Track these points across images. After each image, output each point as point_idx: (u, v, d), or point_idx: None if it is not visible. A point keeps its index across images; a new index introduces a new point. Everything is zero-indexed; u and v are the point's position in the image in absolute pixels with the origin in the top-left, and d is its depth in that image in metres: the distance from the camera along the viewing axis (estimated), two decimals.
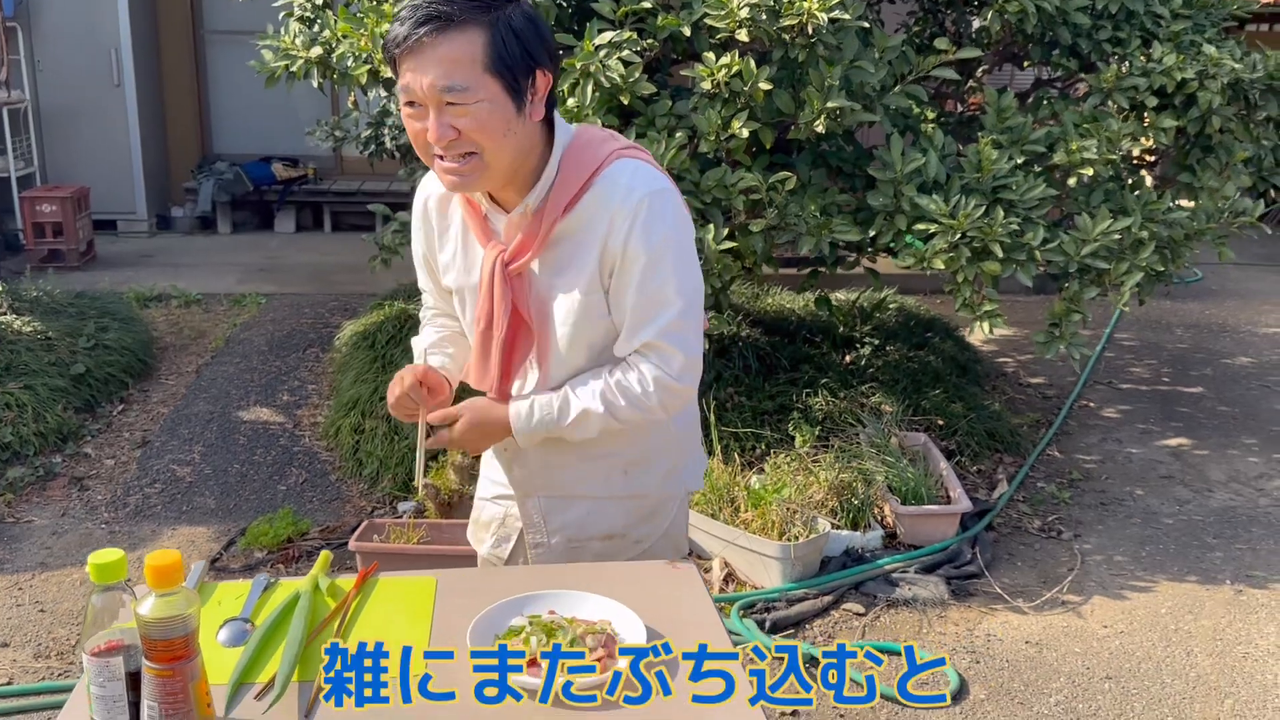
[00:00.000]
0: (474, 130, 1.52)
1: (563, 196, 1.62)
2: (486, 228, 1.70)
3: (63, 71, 7.94)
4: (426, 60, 1.50)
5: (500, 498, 1.87)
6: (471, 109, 1.51)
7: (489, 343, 1.69)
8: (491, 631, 1.50)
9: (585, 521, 1.82)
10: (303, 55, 3.94)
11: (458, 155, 1.55)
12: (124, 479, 4.18)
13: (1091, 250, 3.59)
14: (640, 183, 1.62)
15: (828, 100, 3.36)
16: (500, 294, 1.66)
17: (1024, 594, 3.52)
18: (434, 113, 1.52)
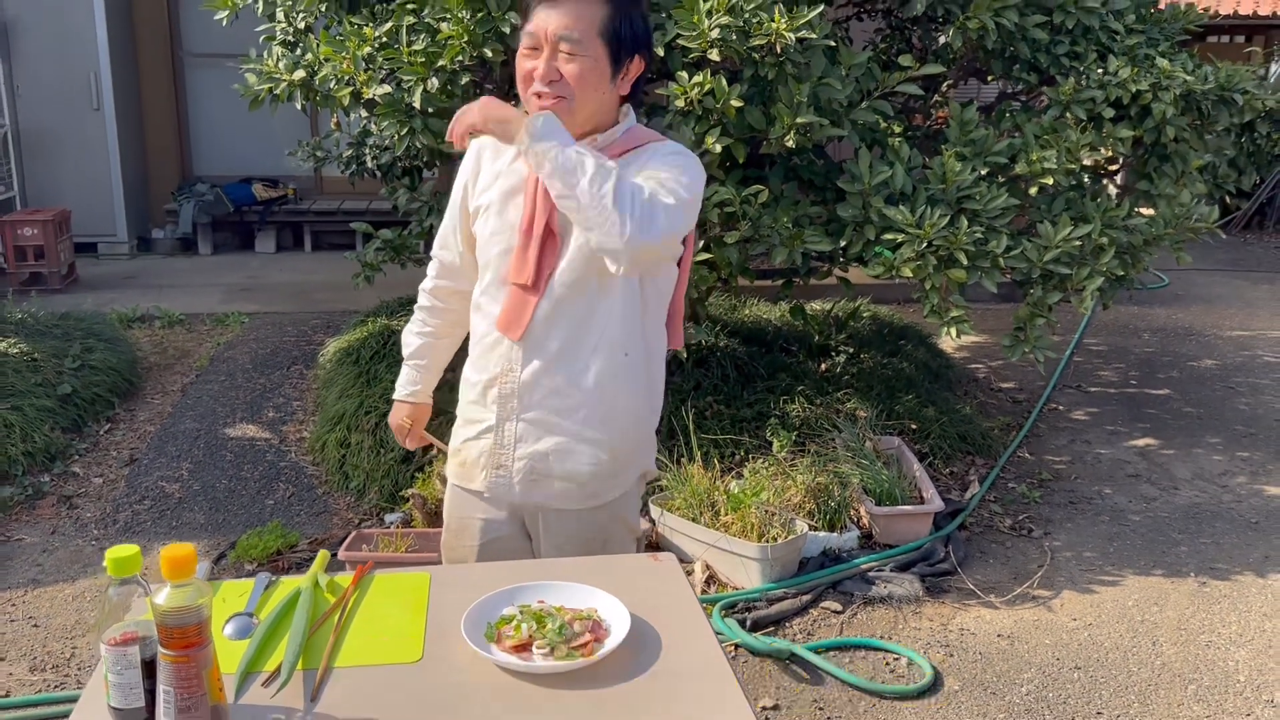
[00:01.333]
0: (573, 77, 1.84)
1: (616, 149, 1.92)
2: None
3: (42, 95, 8.00)
4: (557, 12, 1.83)
5: (483, 432, 2.03)
6: (577, 60, 1.83)
7: (529, 241, 1.91)
8: (484, 620, 1.59)
9: (551, 455, 1.97)
10: (286, 78, 4.03)
11: (553, 97, 1.84)
12: (113, 496, 4.24)
13: (1053, 256, 3.72)
14: (680, 145, 1.98)
15: (797, 116, 3.48)
16: (541, 201, 1.89)
17: (996, 590, 3.63)
18: (547, 53, 1.83)
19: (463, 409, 2.09)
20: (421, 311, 2.22)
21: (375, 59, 3.82)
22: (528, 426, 1.98)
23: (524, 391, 1.97)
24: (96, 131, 8.08)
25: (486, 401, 2.01)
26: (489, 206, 1.99)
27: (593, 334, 1.94)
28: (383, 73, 3.89)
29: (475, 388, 2.04)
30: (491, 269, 1.99)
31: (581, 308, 1.93)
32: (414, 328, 2.24)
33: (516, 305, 1.94)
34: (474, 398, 2.05)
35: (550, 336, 1.94)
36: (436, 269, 2.18)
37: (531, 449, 1.98)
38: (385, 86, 3.80)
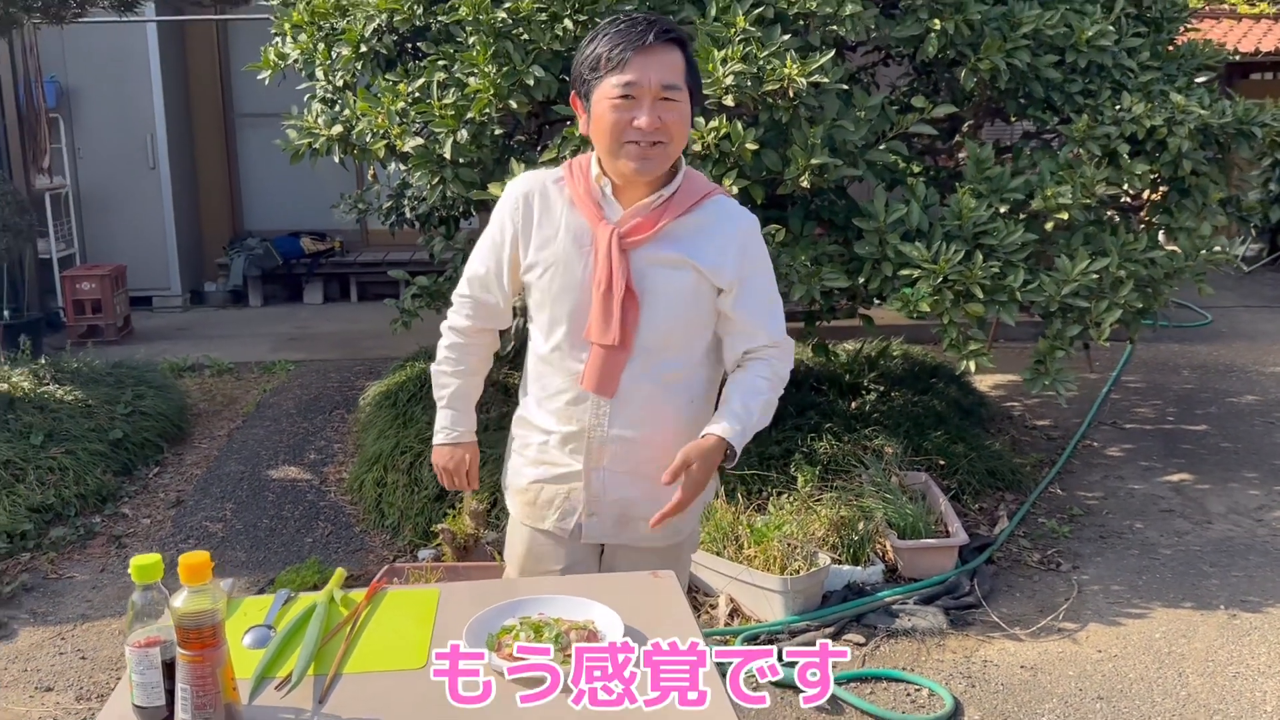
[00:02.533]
0: (675, 124, 1.91)
1: (685, 200, 2.00)
2: (599, 211, 1.99)
3: (101, 157, 8.36)
4: (656, 60, 1.89)
5: (563, 477, 2.09)
6: (678, 107, 1.91)
7: (610, 302, 1.96)
8: (486, 630, 1.68)
9: (640, 501, 2.06)
10: (325, 133, 4.22)
11: (651, 143, 1.90)
12: (159, 536, 4.39)
13: (1071, 290, 3.76)
14: (747, 212, 2.09)
15: (812, 157, 3.58)
16: (618, 261, 1.95)
17: (1021, 622, 3.64)
18: (649, 104, 1.89)
19: (530, 451, 2.13)
20: (454, 351, 2.22)
21: (409, 113, 3.99)
22: (618, 475, 2.06)
23: (614, 443, 2.04)
24: (152, 190, 8.42)
25: (566, 450, 2.07)
26: (554, 263, 2.01)
27: (677, 385, 2.04)
28: (416, 126, 4.06)
29: (552, 436, 2.08)
30: (564, 325, 2.02)
31: (668, 362, 2.02)
32: (446, 368, 2.24)
33: (607, 365, 1.98)
34: (552, 444, 2.09)
35: (638, 392, 2.01)
36: (471, 309, 2.18)
37: (623, 495, 2.07)
38: (418, 139, 3.97)
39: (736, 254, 2.01)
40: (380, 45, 4.19)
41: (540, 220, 2.03)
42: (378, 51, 4.21)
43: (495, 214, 2.10)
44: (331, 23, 4.31)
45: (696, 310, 2.02)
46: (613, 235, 1.95)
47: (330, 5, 4.25)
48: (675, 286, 1.99)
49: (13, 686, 3.33)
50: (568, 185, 2.03)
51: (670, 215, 1.97)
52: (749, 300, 2.03)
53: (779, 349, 2.07)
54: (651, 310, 1.97)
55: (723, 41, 3.59)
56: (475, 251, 2.15)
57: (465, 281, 2.17)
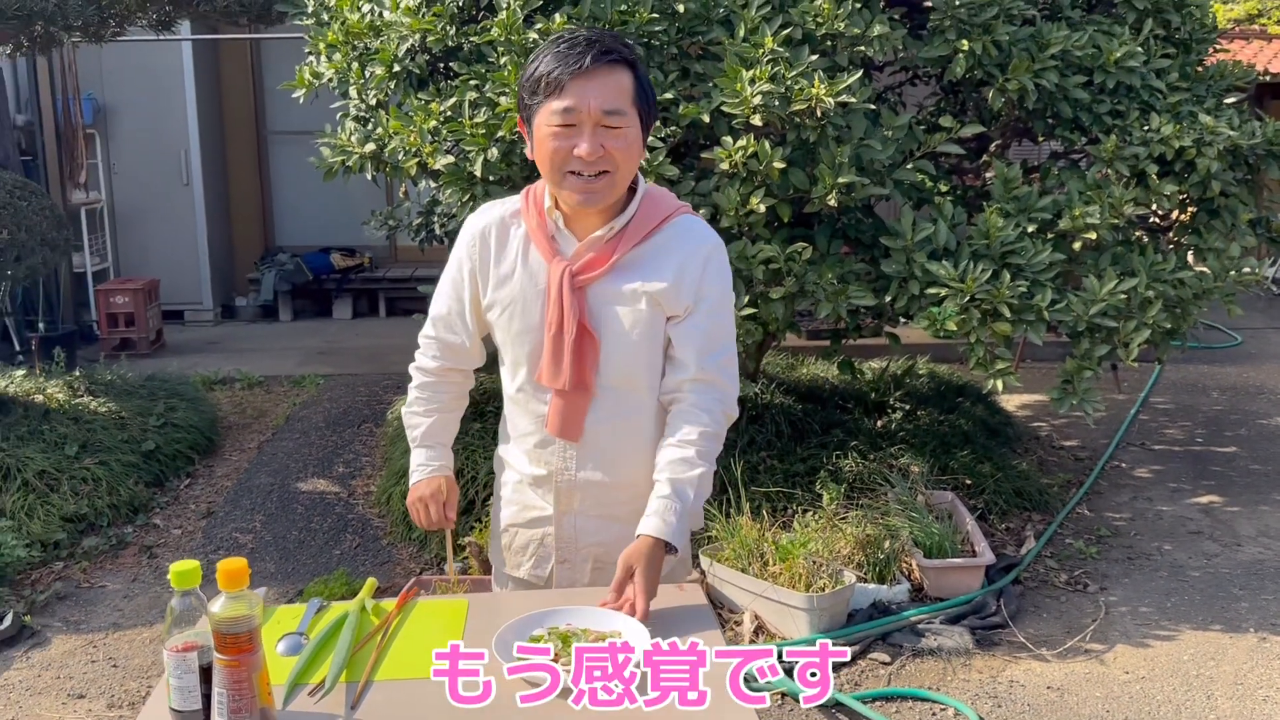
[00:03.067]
0: (619, 151, 1.80)
1: (643, 226, 1.89)
2: (553, 246, 1.91)
3: (136, 173, 8.50)
4: (596, 85, 1.77)
5: (535, 521, 2.05)
6: (622, 133, 1.79)
7: (560, 346, 1.88)
8: (514, 640, 1.70)
9: (616, 543, 1.99)
10: (358, 151, 4.28)
11: (595, 173, 1.80)
12: (190, 547, 4.45)
13: (1099, 310, 3.75)
14: (709, 233, 1.97)
15: (839, 176, 3.60)
16: (569, 303, 1.87)
17: (1047, 643, 3.62)
18: (590, 131, 1.77)
19: (506, 490, 2.09)
20: (424, 390, 2.12)
21: (440, 131, 4.04)
22: (590, 520, 2.00)
23: (583, 487, 1.98)
24: (185, 206, 8.54)
25: (540, 492, 2.02)
26: (511, 303, 1.94)
27: (646, 421, 1.96)
28: (447, 144, 4.12)
29: (524, 477, 2.04)
30: (525, 367, 1.96)
31: (633, 402, 1.94)
32: (418, 409, 2.13)
33: (569, 408, 1.91)
34: (525, 485, 2.05)
35: (604, 433, 1.95)
36: (438, 350, 2.08)
37: (596, 540, 2.00)
38: (449, 157, 4.02)
39: (696, 277, 1.90)
40: (413, 65, 4.26)
41: (497, 257, 1.95)
42: (410, 71, 4.27)
43: (454, 250, 2.02)
44: (365, 42, 4.38)
45: (654, 343, 1.93)
46: (564, 274, 1.86)
47: (364, 25, 4.32)
48: (634, 321, 1.89)
49: (46, 693, 3.38)
50: (524, 219, 1.94)
51: (626, 245, 1.88)
52: (690, 326, 1.91)
53: (708, 387, 1.92)
54: (611, 349, 1.89)
55: (751, 62, 3.62)
56: (438, 290, 2.06)
57: (430, 322, 2.08)
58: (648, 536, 1.82)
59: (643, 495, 1.95)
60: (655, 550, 1.82)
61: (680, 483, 1.87)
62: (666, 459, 1.89)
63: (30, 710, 3.28)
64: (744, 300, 3.72)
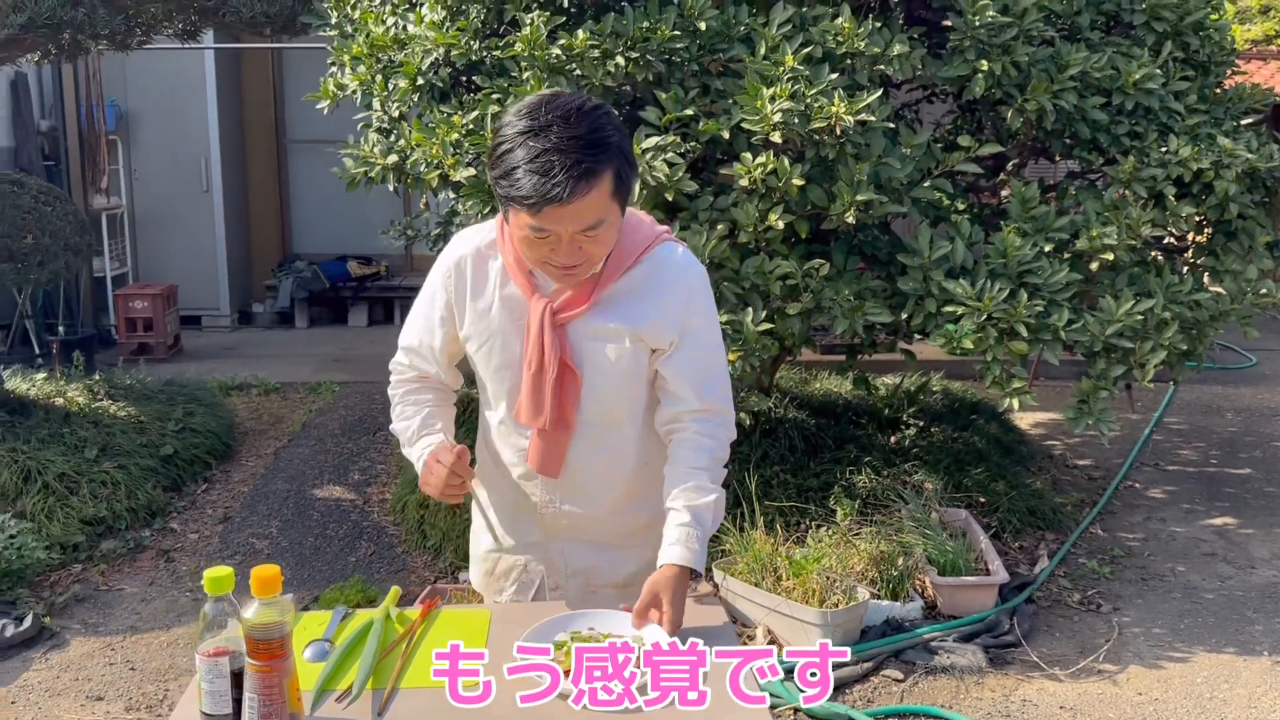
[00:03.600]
0: (597, 248, 1.76)
1: (619, 264, 1.85)
2: (531, 282, 1.87)
3: (156, 178, 8.58)
4: (573, 211, 1.66)
5: (518, 548, 2.05)
6: (600, 234, 1.73)
7: (541, 384, 1.85)
8: (534, 643, 1.73)
9: (603, 568, 2.03)
10: (380, 162, 4.33)
11: (571, 271, 1.77)
12: (207, 551, 4.48)
13: (1116, 330, 3.77)
14: (690, 262, 1.93)
15: (857, 194, 3.63)
16: (550, 341, 1.84)
17: (1060, 662, 3.62)
18: (567, 244, 1.72)
19: (488, 513, 2.08)
20: (408, 396, 2.02)
21: (462, 144, 4.08)
22: (578, 544, 2.00)
23: (568, 518, 1.98)
24: (205, 212, 8.61)
25: (525, 519, 2.02)
26: (489, 338, 1.91)
27: (625, 455, 1.96)
28: (469, 156, 4.16)
29: (507, 505, 2.04)
30: (504, 402, 1.94)
31: (614, 436, 1.94)
32: (408, 410, 2.01)
33: (549, 445, 1.90)
34: (507, 510, 2.04)
35: (586, 469, 1.95)
36: (415, 375, 2.02)
37: (586, 564, 2.01)
38: (470, 169, 4.05)
39: (679, 310, 1.88)
40: (436, 78, 4.30)
41: (474, 291, 1.90)
42: (433, 84, 4.32)
43: (429, 281, 1.97)
44: (389, 55, 4.43)
45: (638, 380, 1.92)
46: (545, 311, 1.83)
47: (389, 38, 4.37)
48: (616, 357, 1.88)
49: (65, 695, 3.41)
50: (501, 251, 1.88)
51: (607, 281, 1.85)
52: (683, 360, 1.90)
53: (710, 416, 1.92)
54: (593, 385, 1.88)
55: (771, 80, 3.65)
56: (410, 319, 2.01)
57: (402, 350, 2.02)
58: (673, 565, 1.81)
59: (628, 518, 2.00)
60: (681, 578, 1.81)
61: (698, 509, 1.87)
62: (680, 485, 1.88)
63: (49, 711, 3.32)
64: (760, 315, 3.74)
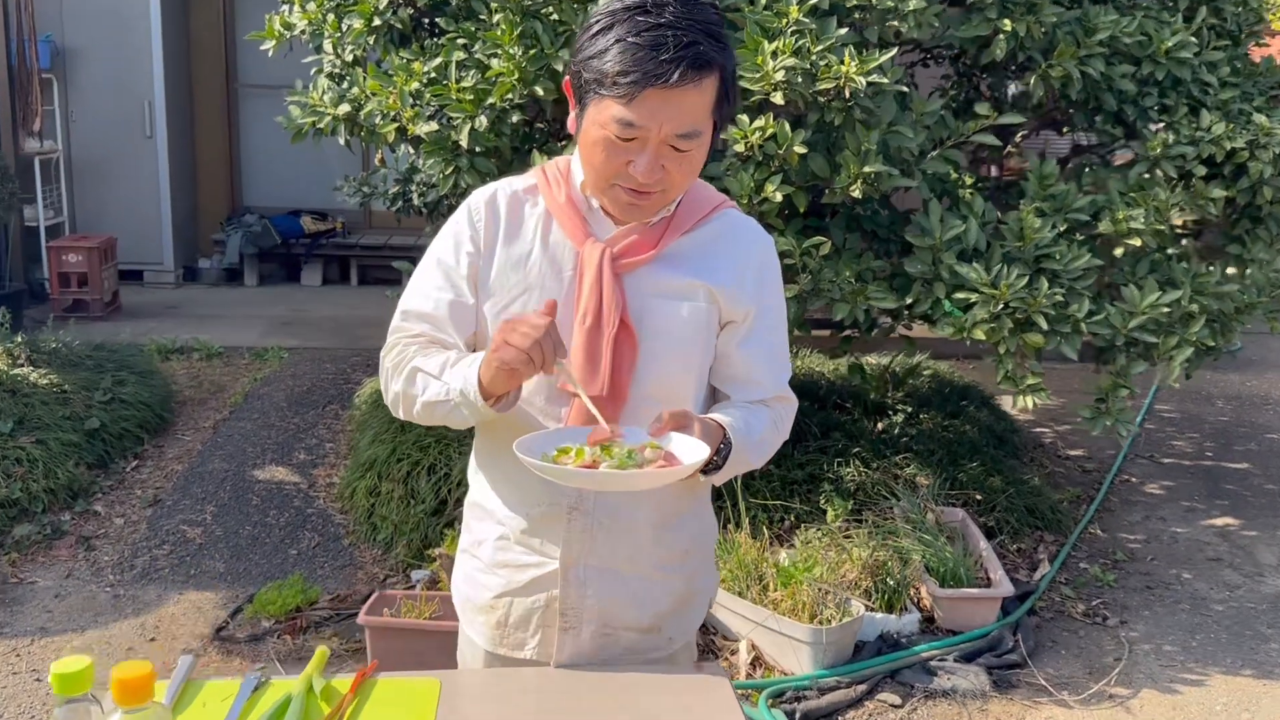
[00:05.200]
0: (680, 174, 1.51)
1: (691, 215, 1.62)
2: (584, 228, 1.59)
3: (95, 123, 8.00)
4: (676, 104, 1.44)
5: (536, 583, 1.65)
6: (689, 156, 1.49)
7: (597, 340, 1.54)
8: (538, 452, 1.45)
9: (627, 606, 1.66)
10: (330, 112, 3.88)
11: (647, 193, 1.51)
12: (133, 539, 4.06)
13: (1139, 323, 3.44)
14: (762, 232, 1.70)
15: (864, 165, 3.25)
16: (610, 289, 1.54)
17: (1069, 685, 3.32)
18: (653, 151, 1.46)
19: (485, 550, 1.69)
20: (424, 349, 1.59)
21: (423, 95, 3.65)
22: (597, 573, 1.63)
23: (600, 529, 1.62)
24: (148, 160, 8.06)
25: (543, 541, 1.63)
26: (526, 292, 1.58)
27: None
28: (430, 109, 3.73)
29: (515, 524, 1.64)
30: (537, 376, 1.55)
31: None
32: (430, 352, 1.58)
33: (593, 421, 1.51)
34: (515, 537, 1.65)
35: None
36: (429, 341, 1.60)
37: (605, 598, 1.64)
38: (431, 123, 3.63)
39: (755, 279, 1.64)
40: (395, 19, 3.85)
41: (507, 232, 1.60)
42: (392, 26, 3.87)
43: (448, 231, 1.63)
44: None
45: (706, 350, 1.63)
46: (604, 255, 1.55)
47: None
48: (682, 319, 1.59)
49: None
50: (543, 195, 1.62)
51: (678, 228, 1.60)
52: (759, 340, 1.64)
53: (784, 407, 1.70)
54: (653, 351, 1.57)
55: (774, 33, 3.25)
56: (417, 282, 1.62)
57: (408, 316, 1.61)
58: (712, 419, 1.56)
59: (668, 542, 1.68)
60: (714, 434, 1.52)
61: (754, 422, 1.61)
62: (735, 404, 1.64)
63: None
64: None
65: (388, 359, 1.63)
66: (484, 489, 1.70)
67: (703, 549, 1.75)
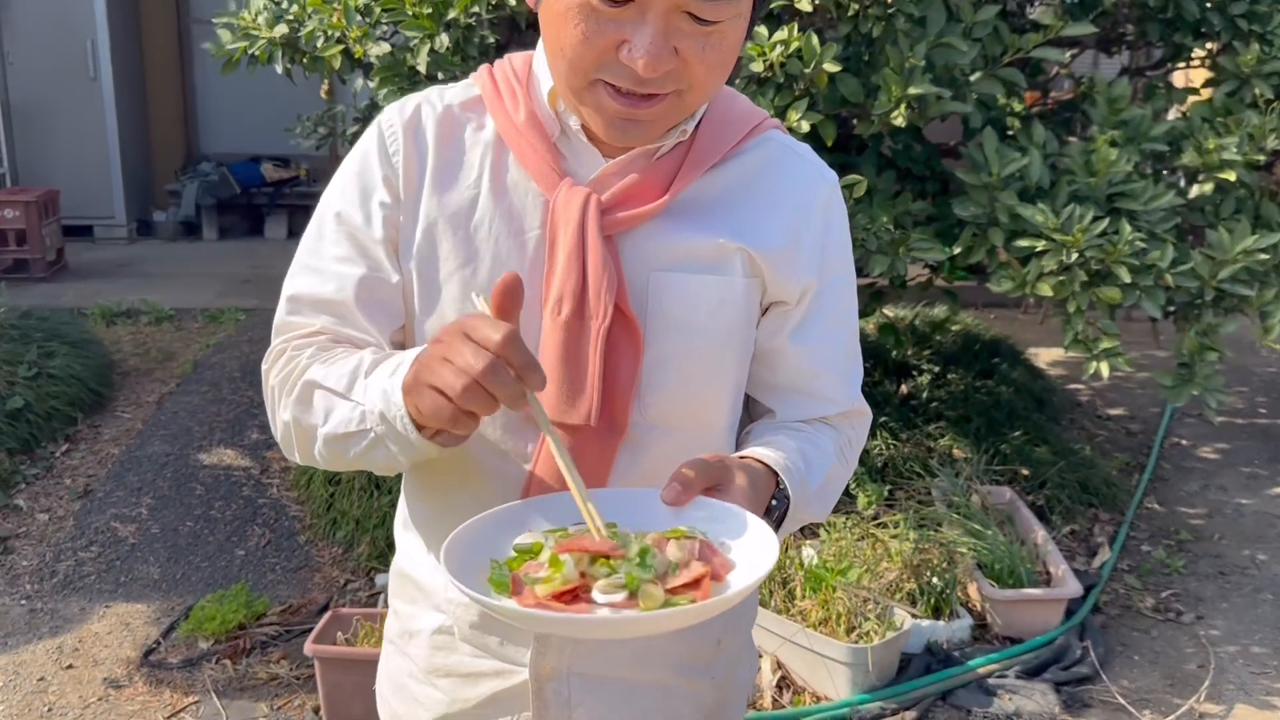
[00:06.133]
0: (702, 63, 0.95)
1: (714, 144, 1.06)
2: (556, 162, 1.04)
3: (34, 64, 7.31)
4: None
5: (494, 704, 1.12)
6: (716, 32, 0.94)
7: (579, 339, 1.01)
8: (480, 557, 0.90)
9: None
10: (265, 35, 3.28)
11: (645, 95, 0.96)
12: (56, 539, 3.52)
13: (1231, 273, 2.89)
14: (821, 164, 1.13)
15: (909, 86, 2.67)
16: (598, 257, 1.00)
17: (1150, 703, 2.82)
18: (658, 21, 0.92)
19: (418, 649, 1.15)
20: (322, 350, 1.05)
21: (372, 10, 3.06)
22: (588, 684, 1.09)
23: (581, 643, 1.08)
24: (94, 104, 7.38)
25: (504, 639, 1.09)
26: (468, 263, 1.04)
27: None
28: (382, 28, 3.14)
29: (471, 609, 1.09)
30: None
31: (694, 448, 1.01)
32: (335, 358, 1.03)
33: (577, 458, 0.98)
34: (463, 630, 1.10)
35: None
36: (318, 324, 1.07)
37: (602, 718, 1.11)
38: (384, 45, 3.04)
39: (816, 237, 1.10)
40: None
41: (439, 177, 1.06)
42: None
43: (350, 170, 1.08)
44: None
45: (745, 345, 1.10)
46: (588, 207, 1.01)
47: None
48: (709, 302, 1.05)
49: None
50: (491, 112, 1.07)
51: (700, 162, 1.05)
52: (823, 329, 1.11)
53: (857, 423, 1.18)
54: (665, 353, 1.05)
55: None
56: (309, 253, 1.08)
57: (297, 305, 1.08)
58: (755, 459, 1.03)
59: (674, 650, 1.11)
60: (765, 481, 1.01)
61: (811, 453, 1.08)
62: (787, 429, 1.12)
63: None
64: None
65: (273, 372, 1.07)
66: (417, 555, 1.14)
67: (740, 631, 1.21)
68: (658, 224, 1.04)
